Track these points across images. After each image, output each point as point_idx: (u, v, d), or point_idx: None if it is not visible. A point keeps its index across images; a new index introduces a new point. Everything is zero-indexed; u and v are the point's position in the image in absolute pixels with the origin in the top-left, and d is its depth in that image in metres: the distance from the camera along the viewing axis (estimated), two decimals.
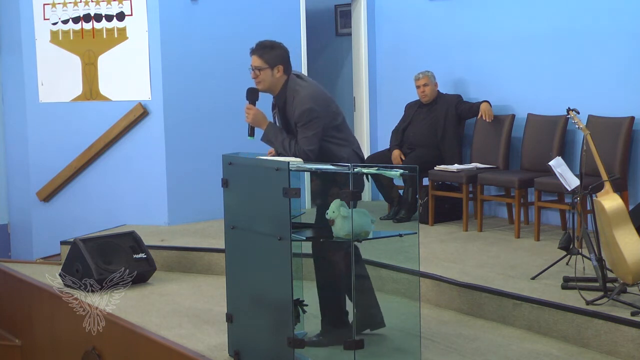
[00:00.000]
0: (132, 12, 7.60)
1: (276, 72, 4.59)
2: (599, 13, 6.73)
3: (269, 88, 4.63)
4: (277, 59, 4.59)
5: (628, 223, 4.77)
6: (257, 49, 4.61)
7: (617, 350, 4.46)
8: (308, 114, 4.51)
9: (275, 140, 4.58)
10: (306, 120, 4.51)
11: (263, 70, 4.58)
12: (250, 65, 4.63)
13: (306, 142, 4.51)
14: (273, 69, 4.58)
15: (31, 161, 8.03)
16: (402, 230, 4.89)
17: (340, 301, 4.65)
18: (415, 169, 4.25)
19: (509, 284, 5.28)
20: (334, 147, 4.62)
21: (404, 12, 8.34)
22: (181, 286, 6.24)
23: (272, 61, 4.58)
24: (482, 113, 7.27)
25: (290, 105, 4.58)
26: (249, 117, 4.66)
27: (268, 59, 4.58)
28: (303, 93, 4.57)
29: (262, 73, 4.59)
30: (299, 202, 4.32)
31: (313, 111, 4.52)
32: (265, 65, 4.57)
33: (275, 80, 4.60)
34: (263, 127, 4.64)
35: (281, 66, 4.59)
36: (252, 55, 4.63)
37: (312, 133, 4.52)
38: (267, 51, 4.59)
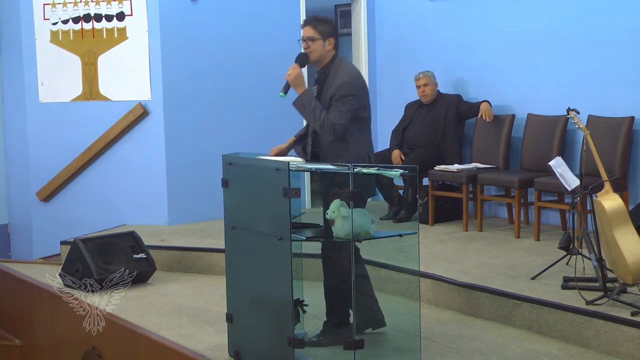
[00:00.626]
0: (132, 12, 7.60)
1: (327, 44, 4.65)
2: (599, 13, 6.73)
3: (318, 59, 4.68)
4: (329, 32, 4.67)
5: (628, 223, 4.77)
6: (311, 21, 4.72)
7: (617, 350, 4.46)
8: (346, 88, 4.55)
9: (308, 106, 4.59)
10: (343, 94, 4.53)
11: (315, 41, 4.65)
12: (302, 37, 4.69)
13: (337, 115, 4.52)
14: (325, 40, 4.65)
15: (31, 161, 8.03)
16: (402, 230, 4.89)
17: (345, 302, 4.63)
18: (415, 169, 4.25)
19: (509, 284, 5.28)
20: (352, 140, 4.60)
21: (404, 12, 8.34)
22: (181, 286, 6.24)
23: (325, 33, 4.65)
24: (482, 113, 7.27)
25: (332, 80, 4.61)
26: (291, 74, 4.67)
27: (321, 30, 4.65)
28: (347, 71, 4.65)
29: (314, 44, 4.65)
30: (299, 202, 4.32)
31: (351, 87, 4.57)
32: (318, 37, 4.64)
33: (325, 52, 4.66)
34: (299, 90, 4.66)
35: (332, 39, 4.67)
36: (304, 27, 4.71)
37: (345, 109, 4.54)
38: (320, 23, 4.68)
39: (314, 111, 4.56)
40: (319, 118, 4.54)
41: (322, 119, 4.53)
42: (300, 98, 4.65)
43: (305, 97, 4.62)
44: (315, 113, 4.56)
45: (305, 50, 4.68)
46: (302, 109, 4.66)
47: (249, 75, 7.97)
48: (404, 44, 8.37)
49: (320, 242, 4.64)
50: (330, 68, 4.65)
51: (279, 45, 8.09)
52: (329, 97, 4.57)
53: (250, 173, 4.40)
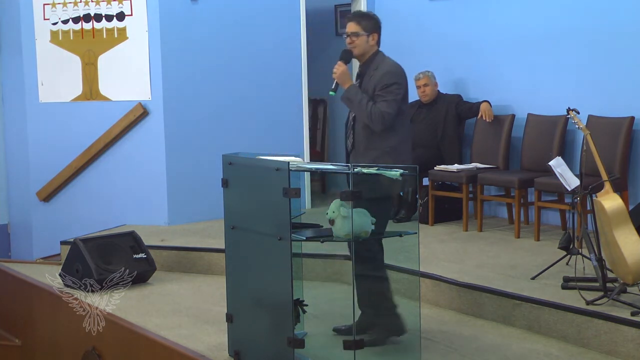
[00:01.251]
0: (132, 12, 7.60)
1: (371, 40, 4.72)
2: (599, 13, 6.73)
3: (361, 54, 4.73)
4: (373, 27, 4.74)
5: (628, 223, 4.77)
6: (355, 16, 4.79)
7: (617, 350, 4.46)
8: (390, 76, 4.63)
9: (355, 98, 4.63)
10: (388, 83, 4.61)
11: (360, 36, 4.70)
12: (346, 32, 4.75)
13: (385, 104, 4.58)
14: (369, 36, 4.72)
15: (31, 161, 8.03)
16: (402, 230, 4.89)
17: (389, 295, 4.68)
18: (415, 169, 4.25)
19: (509, 284, 5.28)
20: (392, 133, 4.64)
21: (404, 12, 8.34)
22: (181, 286, 6.24)
23: (369, 28, 4.72)
24: (482, 113, 7.27)
25: (373, 72, 4.68)
26: (337, 72, 4.72)
27: (365, 25, 4.72)
28: (389, 61, 4.74)
29: (358, 39, 4.71)
30: (299, 202, 4.32)
31: (395, 75, 4.66)
32: (363, 32, 4.70)
33: (369, 47, 4.73)
34: (346, 85, 4.71)
35: (376, 34, 4.74)
36: (349, 22, 4.76)
37: (392, 98, 4.60)
38: (364, 19, 4.75)
39: (361, 103, 4.61)
40: (367, 109, 4.58)
41: (369, 110, 4.57)
42: (346, 92, 4.69)
43: (352, 91, 4.67)
44: (362, 104, 4.60)
45: (349, 46, 4.74)
46: (349, 102, 4.70)
47: (249, 75, 7.97)
48: (404, 44, 8.36)
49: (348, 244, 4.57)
50: (372, 62, 4.72)
51: (279, 45, 8.10)
52: (372, 87, 4.63)
53: (250, 173, 4.40)
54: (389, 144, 4.65)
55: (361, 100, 4.62)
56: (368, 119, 4.59)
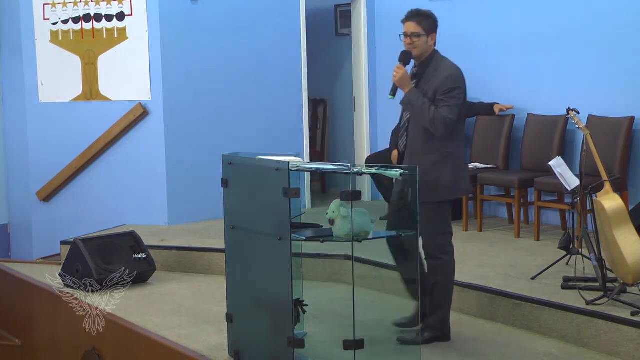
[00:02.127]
0: (132, 12, 7.60)
1: (430, 40, 4.63)
2: (599, 13, 6.73)
3: (421, 54, 4.63)
4: (432, 27, 4.65)
5: (628, 223, 4.77)
6: (414, 16, 4.65)
7: (617, 350, 4.46)
8: (453, 80, 4.53)
9: (416, 103, 4.52)
10: (450, 87, 4.51)
11: (420, 37, 4.60)
12: (404, 32, 4.65)
13: (447, 110, 4.48)
14: (428, 36, 4.62)
15: (31, 161, 8.03)
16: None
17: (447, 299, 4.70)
18: (415, 169, 4.25)
19: (509, 284, 5.28)
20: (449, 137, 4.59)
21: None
22: (181, 286, 6.24)
23: (428, 29, 4.63)
24: (498, 110, 7.29)
25: (432, 73, 4.58)
26: (397, 75, 4.59)
27: (425, 26, 4.62)
28: (450, 64, 4.64)
29: (418, 40, 4.61)
30: (299, 202, 4.32)
31: (458, 80, 4.56)
32: (423, 32, 4.60)
33: (428, 47, 4.63)
34: (406, 89, 4.58)
35: (434, 34, 4.65)
36: (407, 22, 4.65)
37: (454, 103, 4.51)
38: (424, 18, 4.64)
39: (423, 108, 4.50)
40: (430, 114, 4.48)
41: (432, 115, 4.47)
42: (407, 96, 4.57)
43: (413, 95, 4.55)
44: (424, 108, 4.49)
45: (408, 47, 4.63)
46: (410, 107, 4.59)
47: (249, 75, 7.97)
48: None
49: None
50: (430, 62, 4.62)
51: (279, 45, 8.10)
52: (434, 90, 4.54)
53: (250, 173, 4.40)
54: (447, 149, 4.57)
55: (423, 104, 4.50)
56: (430, 124, 4.49)
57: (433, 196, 4.53)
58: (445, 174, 4.57)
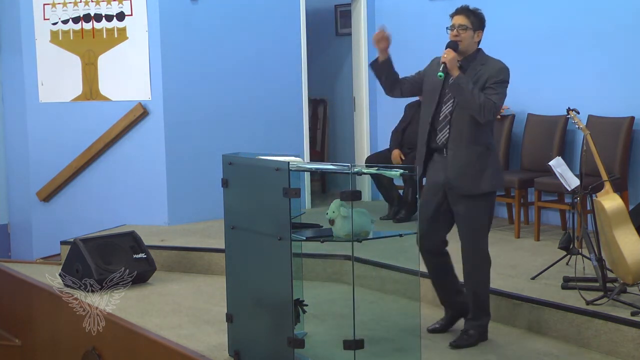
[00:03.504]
0: (132, 12, 7.60)
1: (476, 36, 4.65)
2: (599, 13, 6.73)
3: (465, 48, 4.64)
4: (480, 24, 4.67)
5: (628, 223, 4.77)
6: (464, 10, 4.68)
7: (617, 350, 4.46)
8: (506, 74, 4.59)
9: (466, 86, 4.52)
10: (502, 79, 4.57)
11: (467, 30, 4.62)
12: (452, 24, 4.67)
13: (497, 97, 4.54)
14: (475, 32, 4.64)
15: (31, 161, 8.03)
16: (402, 230, 4.89)
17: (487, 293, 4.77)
18: (415, 169, 4.25)
19: (509, 284, 5.28)
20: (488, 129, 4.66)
21: (404, 12, 8.34)
22: (181, 286, 6.24)
23: (476, 24, 4.65)
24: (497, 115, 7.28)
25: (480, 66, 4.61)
26: (448, 56, 4.60)
27: (474, 21, 4.64)
28: (500, 61, 4.67)
29: (465, 33, 4.62)
30: (299, 202, 4.32)
31: (508, 74, 4.61)
32: (470, 26, 4.62)
33: (473, 43, 4.65)
34: (455, 72, 4.56)
35: (481, 32, 4.67)
36: (457, 15, 4.68)
37: (503, 91, 4.58)
38: (473, 14, 4.66)
39: (473, 91, 4.50)
40: (480, 98, 4.49)
41: (482, 100, 4.48)
42: (457, 79, 4.55)
43: (463, 79, 4.54)
44: (474, 92, 4.50)
45: (454, 39, 4.64)
46: (459, 90, 4.55)
47: (249, 75, 7.97)
48: (404, 43, 8.34)
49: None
50: (476, 57, 4.65)
51: (279, 45, 8.10)
52: (485, 78, 4.56)
53: (250, 173, 4.40)
54: (489, 140, 4.65)
55: (473, 89, 4.51)
56: (478, 108, 4.49)
57: (480, 187, 4.57)
58: (490, 165, 4.62)
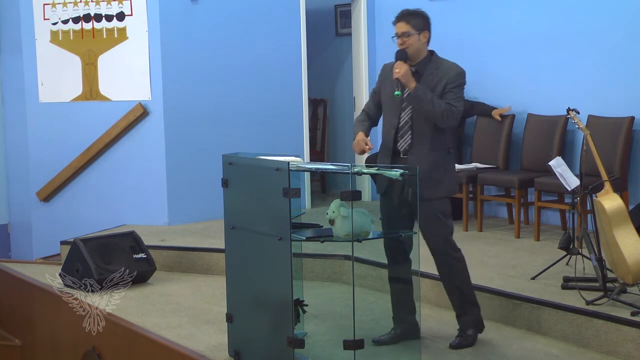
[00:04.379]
0: (132, 12, 7.60)
1: (422, 38, 4.61)
2: (598, 13, 6.73)
3: (416, 53, 4.61)
4: (424, 24, 4.62)
5: (628, 223, 4.77)
6: (403, 16, 4.63)
7: (617, 350, 4.46)
8: (464, 77, 4.59)
9: (425, 96, 4.50)
10: (460, 82, 4.57)
11: (411, 35, 4.57)
12: (395, 33, 4.63)
13: (458, 102, 4.54)
14: (420, 34, 4.59)
15: (31, 161, 8.03)
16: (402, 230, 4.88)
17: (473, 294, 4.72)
18: (415, 169, 4.25)
19: (509, 284, 5.28)
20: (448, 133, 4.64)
21: None
22: (181, 286, 6.24)
23: (419, 26, 4.60)
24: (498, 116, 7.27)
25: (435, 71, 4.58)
26: (400, 71, 4.54)
27: (415, 24, 4.59)
28: (454, 63, 4.65)
29: (409, 39, 4.58)
30: (299, 202, 4.32)
31: (465, 77, 4.61)
32: (413, 31, 4.58)
33: (422, 45, 4.62)
34: (411, 84, 4.54)
35: (427, 32, 4.63)
36: (397, 23, 4.63)
37: (462, 96, 4.58)
38: (413, 17, 4.61)
39: (432, 100, 4.50)
40: (441, 106, 4.48)
41: (443, 107, 4.48)
42: (415, 91, 4.53)
43: (420, 90, 4.52)
44: (434, 101, 4.49)
45: (401, 47, 4.61)
46: (418, 101, 4.54)
47: (249, 75, 7.97)
48: None
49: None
50: (429, 61, 4.63)
51: (279, 45, 8.10)
52: (443, 84, 4.55)
53: (250, 173, 4.40)
54: (449, 144, 4.64)
55: (432, 97, 4.50)
56: (440, 116, 4.48)
57: (441, 191, 4.57)
58: (449, 170, 4.65)
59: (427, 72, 4.60)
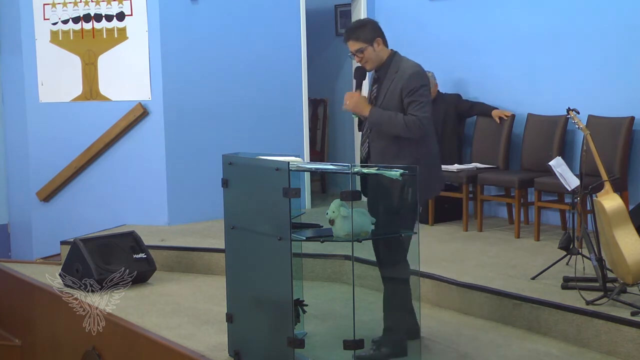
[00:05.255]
0: (132, 12, 7.60)
1: (377, 46, 4.49)
2: (598, 13, 6.73)
3: (376, 62, 4.52)
4: (372, 33, 4.49)
5: (628, 223, 4.77)
6: (349, 33, 4.52)
7: (617, 350, 4.46)
8: (419, 78, 4.42)
9: (383, 120, 4.40)
10: (416, 86, 4.39)
11: (365, 50, 4.48)
12: (350, 52, 4.54)
13: (419, 109, 4.36)
14: (373, 44, 4.48)
15: (31, 161, 8.03)
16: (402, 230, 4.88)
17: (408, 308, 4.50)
18: (415, 169, 4.25)
19: (509, 284, 5.28)
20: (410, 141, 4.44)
21: (404, 12, 8.34)
22: (181, 286, 6.24)
23: (369, 37, 4.48)
24: (497, 118, 7.27)
25: (394, 74, 4.46)
26: (350, 104, 4.49)
27: (364, 37, 4.48)
28: (411, 63, 4.52)
29: (364, 54, 4.49)
30: (299, 202, 4.32)
31: (422, 77, 4.44)
32: (365, 44, 4.48)
33: (380, 54, 4.50)
34: (365, 112, 4.47)
35: (379, 38, 4.50)
36: (347, 42, 4.54)
37: (425, 100, 4.40)
38: (360, 31, 4.50)
39: (391, 120, 4.39)
40: (401, 122, 4.36)
41: (403, 121, 4.36)
42: (371, 118, 4.45)
43: (375, 115, 4.43)
44: (393, 121, 4.38)
45: (360, 63, 4.54)
46: (377, 126, 4.46)
47: (249, 75, 7.97)
48: (404, 44, 8.30)
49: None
50: (390, 65, 4.51)
51: (279, 45, 8.10)
52: (399, 91, 4.42)
53: (250, 173, 4.40)
54: (421, 151, 4.47)
55: (389, 117, 4.39)
56: (405, 131, 4.37)
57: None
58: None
59: (387, 77, 4.50)
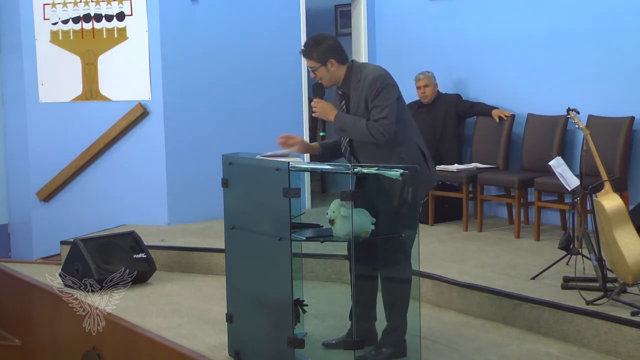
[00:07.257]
0: (132, 12, 7.60)
1: (330, 67, 4.39)
2: (598, 13, 6.73)
3: (331, 83, 4.45)
4: (325, 53, 4.38)
5: (628, 223, 4.77)
6: (304, 51, 4.44)
7: (617, 350, 4.46)
8: (380, 82, 4.32)
9: (347, 125, 4.36)
10: (378, 89, 4.31)
11: (319, 68, 4.41)
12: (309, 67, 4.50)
13: (381, 113, 4.28)
14: (326, 64, 4.39)
15: (31, 161, 8.03)
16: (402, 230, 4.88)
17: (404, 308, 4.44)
18: (416, 169, 4.25)
19: (509, 284, 5.28)
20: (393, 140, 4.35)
21: (404, 12, 8.35)
22: (181, 286, 6.24)
23: (322, 58, 4.38)
24: (497, 118, 7.27)
25: (356, 84, 4.38)
26: (317, 109, 4.46)
27: (317, 57, 4.39)
28: (372, 67, 4.45)
29: (318, 72, 4.42)
30: (299, 202, 4.31)
31: (383, 78, 4.35)
32: (318, 64, 4.40)
33: (333, 72, 4.41)
34: (331, 117, 4.43)
35: (332, 60, 4.38)
36: (304, 58, 4.49)
37: (385, 103, 4.30)
38: (313, 49, 4.40)
39: (355, 125, 4.35)
40: (364, 128, 4.31)
41: (367, 127, 4.31)
42: (336, 124, 4.43)
43: (341, 120, 4.40)
44: (357, 126, 4.34)
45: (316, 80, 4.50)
46: (344, 133, 4.44)
47: (249, 75, 7.97)
48: (404, 44, 8.37)
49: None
50: (350, 77, 4.42)
51: (279, 45, 8.10)
52: (364, 99, 4.36)
53: (250, 173, 4.40)
54: (399, 154, 4.40)
55: (354, 122, 4.35)
56: (368, 136, 4.32)
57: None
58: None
59: (352, 89, 4.43)
